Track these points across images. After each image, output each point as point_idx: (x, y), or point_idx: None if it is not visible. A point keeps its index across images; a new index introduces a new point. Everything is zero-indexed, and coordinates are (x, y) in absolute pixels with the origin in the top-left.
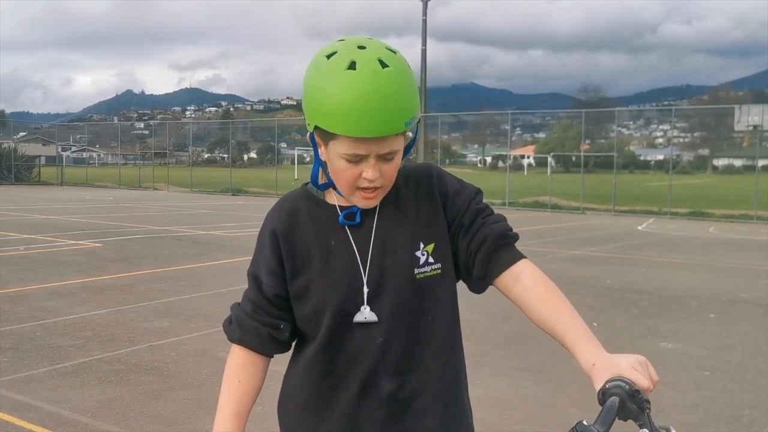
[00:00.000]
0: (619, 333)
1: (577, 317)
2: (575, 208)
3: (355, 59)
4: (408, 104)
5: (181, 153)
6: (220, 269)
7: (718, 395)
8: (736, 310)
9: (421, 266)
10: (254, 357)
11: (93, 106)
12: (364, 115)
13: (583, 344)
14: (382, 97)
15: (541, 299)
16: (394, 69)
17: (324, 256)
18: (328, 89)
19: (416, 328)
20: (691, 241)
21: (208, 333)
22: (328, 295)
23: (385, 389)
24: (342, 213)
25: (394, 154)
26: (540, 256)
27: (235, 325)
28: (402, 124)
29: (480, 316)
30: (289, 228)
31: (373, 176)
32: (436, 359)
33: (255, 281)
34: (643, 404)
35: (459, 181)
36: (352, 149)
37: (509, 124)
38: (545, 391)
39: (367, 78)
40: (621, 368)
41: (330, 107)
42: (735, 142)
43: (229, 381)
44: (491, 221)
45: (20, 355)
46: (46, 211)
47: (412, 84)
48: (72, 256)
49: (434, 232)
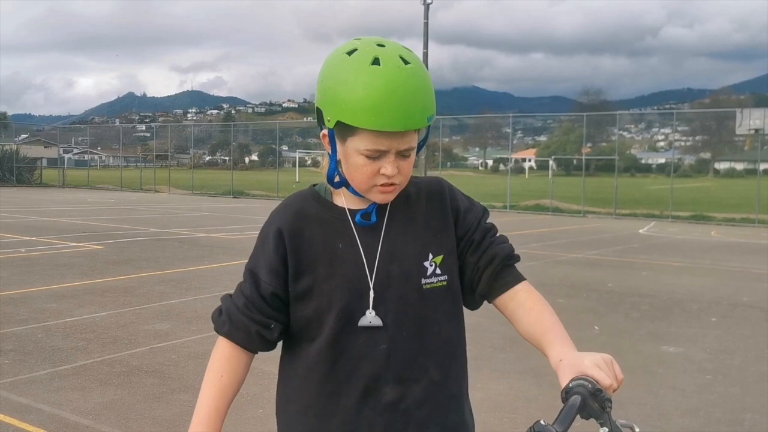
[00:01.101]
0: (621, 336)
1: (558, 324)
2: (576, 211)
3: (378, 55)
4: (429, 100)
5: (182, 155)
6: (222, 272)
7: (719, 399)
8: (737, 313)
9: (429, 276)
10: (239, 352)
11: (95, 108)
12: (389, 109)
13: (555, 344)
14: (406, 92)
15: (529, 310)
16: (416, 66)
17: (331, 258)
18: (351, 84)
19: (421, 338)
20: (692, 245)
21: (209, 335)
22: (333, 297)
23: (387, 397)
24: (358, 213)
25: (411, 151)
26: (541, 260)
27: (225, 317)
28: (424, 119)
29: (481, 318)
30: (296, 228)
31: (393, 172)
32: (440, 370)
33: (252, 277)
34: (604, 403)
35: (468, 198)
36: (373, 144)
37: (510, 127)
38: (546, 394)
39: (392, 73)
40: (584, 366)
41: (354, 101)
42: (736, 145)
43: (212, 374)
44: (499, 241)
45: (21, 357)
46: (48, 213)
47: (430, 82)
48: (73, 258)
49: (443, 245)
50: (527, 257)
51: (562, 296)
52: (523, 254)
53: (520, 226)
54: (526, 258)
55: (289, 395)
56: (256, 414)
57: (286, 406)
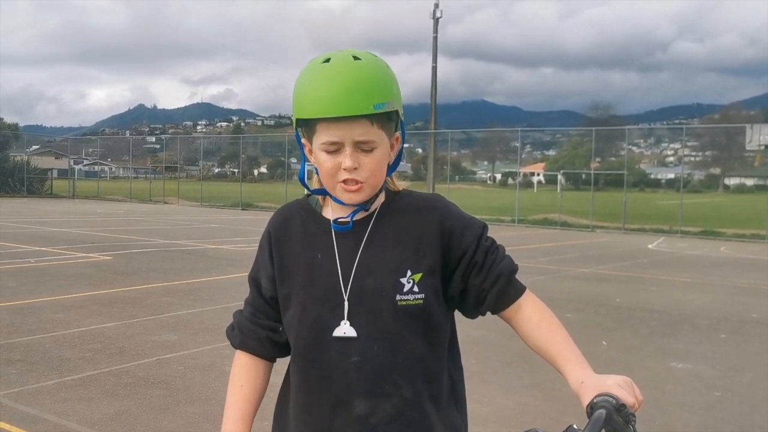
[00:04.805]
0: (629, 352)
1: (569, 341)
2: (585, 225)
3: (331, 56)
4: (376, 89)
5: (191, 167)
6: (229, 283)
7: (728, 416)
8: (747, 330)
9: (405, 293)
10: (255, 361)
11: (106, 120)
12: (329, 96)
13: (573, 364)
14: (347, 79)
15: (539, 325)
16: (366, 62)
17: (309, 268)
18: (303, 80)
19: (394, 354)
20: (702, 260)
21: (215, 347)
22: (307, 307)
23: (357, 410)
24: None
25: (373, 145)
26: (549, 274)
27: (236, 330)
28: (370, 106)
29: (487, 333)
30: (281, 235)
31: (351, 164)
32: (413, 389)
33: (255, 284)
34: (629, 417)
35: (466, 215)
36: (327, 136)
37: (519, 141)
38: (553, 409)
39: (337, 66)
40: (607, 386)
41: (304, 96)
42: (746, 161)
43: (232, 386)
44: (500, 258)
45: (29, 367)
46: (57, 224)
47: (385, 76)
48: (82, 268)
49: (424, 263)
50: (535, 272)
51: (570, 311)
52: (531, 269)
53: (528, 240)
54: (535, 272)
55: (277, 404)
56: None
57: (275, 414)
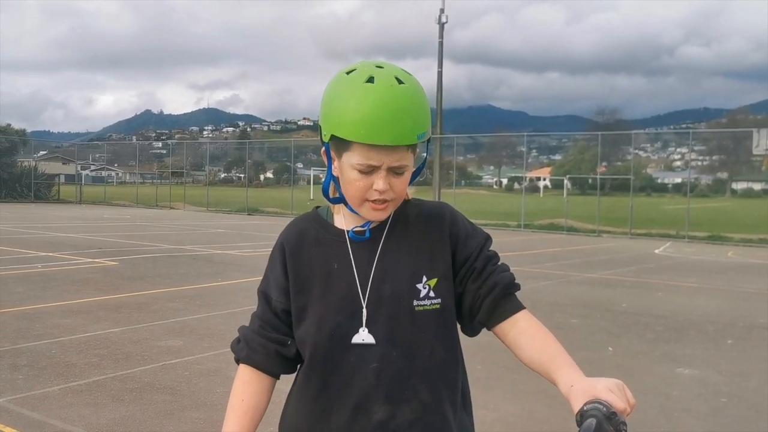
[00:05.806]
0: (635, 358)
1: (563, 351)
2: (591, 230)
3: (373, 74)
4: (420, 119)
5: (198, 172)
6: (235, 289)
7: (734, 422)
8: (754, 335)
9: (421, 299)
10: (259, 376)
11: (112, 125)
12: (378, 123)
13: (563, 369)
14: (396, 108)
15: (533, 336)
16: (409, 86)
17: (326, 278)
18: (346, 99)
19: (412, 359)
20: (708, 266)
21: (221, 353)
22: (326, 316)
23: (377, 416)
24: (352, 228)
25: (405, 169)
26: (555, 279)
27: (243, 343)
28: (414, 136)
29: (492, 338)
30: (296, 247)
31: (384, 188)
32: (432, 393)
33: (264, 297)
34: (619, 426)
35: (471, 224)
36: (365, 159)
37: (525, 145)
38: (558, 415)
39: (384, 90)
40: (598, 390)
41: (347, 116)
42: (754, 165)
43: (233, 399)
44: (500, 269)
45: (35, 373)
46: (64, 229)
47: (425, 103)
48: (89, 274)
49: (438, 268)
50: (541, 277)
51: (575, 316)
52: (537, 274)
53: (534, 245)
54: (540, 277)
55: (287, 413)
56: None
57: (284, 424)
